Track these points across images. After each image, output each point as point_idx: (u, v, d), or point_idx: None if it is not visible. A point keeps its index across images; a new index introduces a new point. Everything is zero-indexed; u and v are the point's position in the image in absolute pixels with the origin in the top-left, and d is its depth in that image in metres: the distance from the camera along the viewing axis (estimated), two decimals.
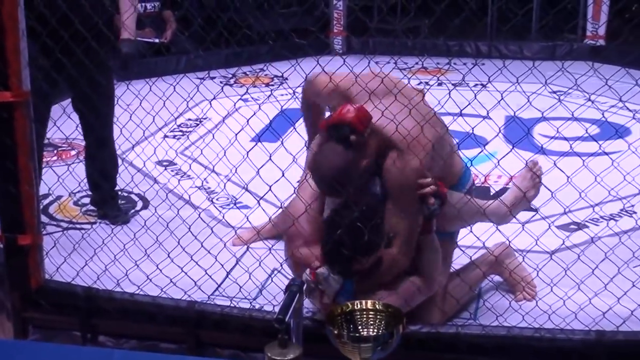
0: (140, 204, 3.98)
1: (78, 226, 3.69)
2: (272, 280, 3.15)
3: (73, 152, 4.65)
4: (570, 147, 2.88)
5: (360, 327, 2.05)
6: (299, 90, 2.97)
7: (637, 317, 2.73)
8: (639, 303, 2.77)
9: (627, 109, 4.34)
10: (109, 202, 3.77)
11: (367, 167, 2.59)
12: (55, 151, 4.62)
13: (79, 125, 3.50)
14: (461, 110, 2.78)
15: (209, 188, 4.12)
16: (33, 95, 2.84)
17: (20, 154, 2.86)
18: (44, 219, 3.58)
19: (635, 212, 3.72)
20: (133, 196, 4.02)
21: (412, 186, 2.58)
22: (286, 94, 5.05)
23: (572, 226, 3.58)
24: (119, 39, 3.59)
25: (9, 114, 2.82)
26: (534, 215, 3.53)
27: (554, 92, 4.47)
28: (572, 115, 3.04)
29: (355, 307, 2.08)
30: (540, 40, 6.79)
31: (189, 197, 3.82)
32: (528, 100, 2.79)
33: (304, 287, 2.48)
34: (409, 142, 2.57)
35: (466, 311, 2.93)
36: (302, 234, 2.71)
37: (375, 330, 2.04)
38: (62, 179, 3.30)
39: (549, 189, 2.77)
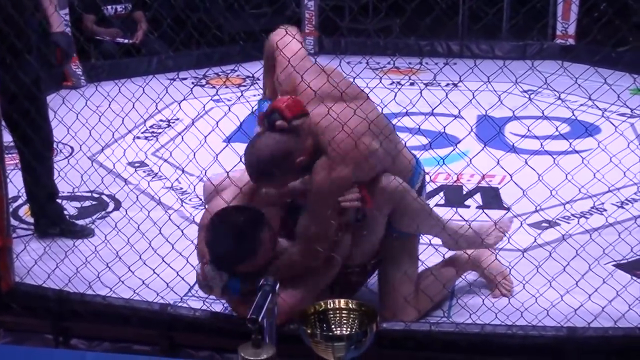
0: (111, 206, 3.97)
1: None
2: None
3: None
4: (541, 145, 2.92)
5: (333, 326, 2.07)
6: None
7: (607, 314, 2.76)
8: (609, 300, 2.80)
9: (597, 107, 4.39)
10: (60, 217, 3.68)
11: (300, 162, 2.59)
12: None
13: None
14: (433, 110, 2.81)
15: (180, 189, 4.12)
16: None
17: None
18: (13, 222, 3.55)
19: (605, 210, 3.77)
20: (104, 197, 4.01)
21: (330, 197, 2.60)
22: (257, 95, 5.04)
23: (543, 224, 3.62)
24: (51, 34, 3.52)
25: None
26: (506, 214, 3.56)
27: (525, 91, 4.51)
28: (543, 113, 3.07)
29: (329, 306, 2.09)
30: (511, 40, 6.84)
31: (160, 199, 3.82)
32: (499, 99, 2.82)
33: (201, 280, 2.64)
34: (341, 152, 2.58)
35: (440, 309, 2.95)
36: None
37: (349, 329, 2.05)
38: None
39: (520, 187, 2.80)
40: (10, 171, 3.12)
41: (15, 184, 3.45)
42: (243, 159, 2.64)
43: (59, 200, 3.71)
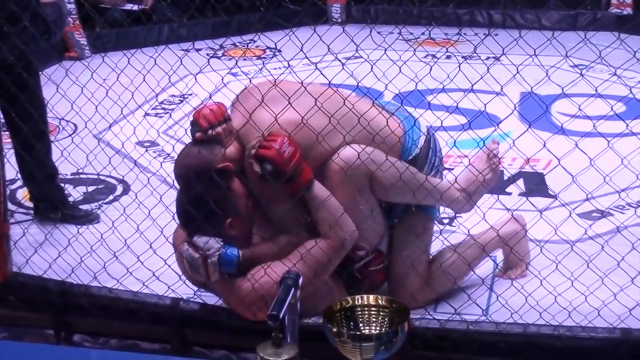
0: (119, 189, 3.98)
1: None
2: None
3: None
4: (594, 126, 2.88)
5: (361, 325, 2.06)
6: (294, 63, 2.97)
7: None
8: None
9: None
10: (62, 201, 3.72)
11: (223, 167, 2.69)
12: None
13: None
14: (472, 86, 2.78)
15: None
16: None
17: None
18: (11, 206, 3.58)
19: None
20: (112, 180, 4.02)
21: (264, 188, 2.71)
22: (280, 67, 5.04)
23: (595, 214, 3.59)
24: (40, 4, 3.54)
25: None
26: (552, 202, 3.54)
27: (575, 66, 4.46)
28: (596, 91, 3.04)
29: (356, 302, 2.09)
30: (560, 8, 6.77)
31: (173, 182, 3.82)
32: (547, 75, 2.78)
33: (188, 266, 2.72)
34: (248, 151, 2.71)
35: (477, 306, 2.94)
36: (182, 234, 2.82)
37: (378, 328, 2.05)
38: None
39: (569, 173, 2.77)
40: (8, 150, 3.13)
41: (13, 164, 3.48)
42: None
43: (61, 183, 3.73)
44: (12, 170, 3.34)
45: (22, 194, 3.91)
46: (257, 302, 2.68)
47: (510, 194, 3.87)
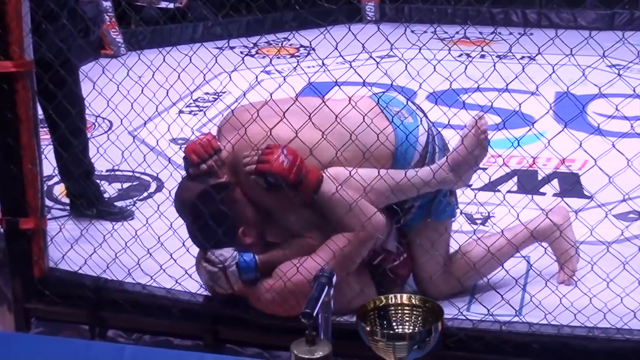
0: (153, 186, 4.00)
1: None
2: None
3: None
4: (631, 126, 2.86)
5: (394, 324, 2.06)
6: (328, 61, 2.97)
7: None
8: None
9: None
10: (98, 198, 3.75)
11: (222, 184, 2.76)
12: None
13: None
14: (507, 85, 2.76)
15: None
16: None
17: (23, 130, 2.89)
18: (48, 202, 3.61)
19: None
20: (146, 177, 4.04)
21: (266, 202, 2.76)
22: (314, 66, 5.04)
23: (631, 215, 3.56)
24: (79, 2, 3.58)
25: (10, 86, 2.84)
26: (588, 203, 3.51)
27: (612, 66, 4.42)
28: (634, 91, 3.00)
29: (390, 301, 2.08)
30: (596, 8, 6.71)
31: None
32: (583, 74, 2.76)
33: (209, 279, 2.76)
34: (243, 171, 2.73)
35: (510, 307, 2.92)
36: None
37: (412, 328, 2.04)
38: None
39: (606, 174, 2.75)
40: (45, 147, 3.16)
41: (51, 160, 3.51)
42: None
43: (97, 181, 3.76)
44: (49, 166, 3.37)
45: (59, 190, 3.95)
46: (289, 299, 2.69)
47: (544, 194, 3.84)
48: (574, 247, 3.08)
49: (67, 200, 3.79)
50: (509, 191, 3.69)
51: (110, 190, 3.99)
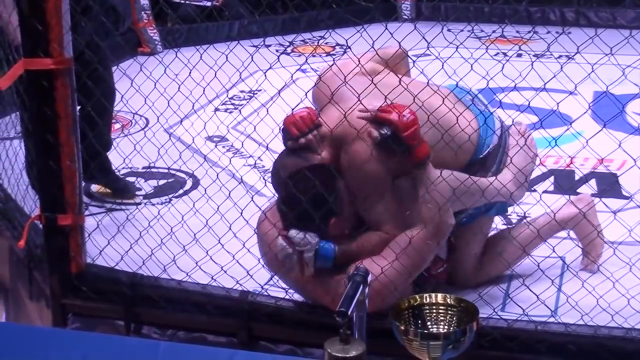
0: (189, 183, 4.02)
1: (123, 207, 3.75)
2: None
3: (117, 126, 4.71)
4: None
5: (429, 323, 2.05)
6: (364, 60, 2.96)
7: None
8: None
9: None
10: (107, 169, 3.85)
11: (321, 171, 2.71)
12: None
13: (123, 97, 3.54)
14: (544, 84, 2.74)
15: (263, 167, 4.14)
16: None
17: (62, 127, 2.91)
18: (85, 199, 3.64)
19: None
20: (182, 174, 4.07)
21: (370, 172, 2.70)
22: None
23: None
24: None
25: (50, 83, 2.86)
26: (627, 203, 3.48)
27: None
28: None
29: (424, 300, 2.08)
30: (636, 7, 6.64)
31: (242, 177, 3.85)
32: (623, 74, 2.73)
33: (280, 255, 2.71)
34: (354, 134, 2.69)
35: (545, 307, 2.90)
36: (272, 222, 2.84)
37: (446, 327, 2.04)
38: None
39: None
40: None
41: None
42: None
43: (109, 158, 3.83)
44: None
45: (96, 187, 3.98)
46: (387, 297, 2.66)
47: (581, 194, 3.81)
48: (598, 231, 3.07)
49: (104, 198, 3.83)
50: (545, 191, 3.66)
51: (146, 187, 4.02)
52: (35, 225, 3.17)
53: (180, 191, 3.96)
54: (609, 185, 3.86)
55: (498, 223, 3.28)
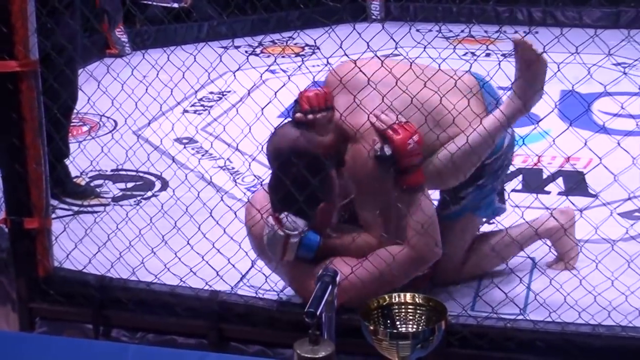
0: (157, 186, 4.01)
1: (90, 209, 3.72)
2: None
3: (85, 128, 4.68)
4: (637, 125, 2.85)
5: (398, 323, 2.06)
6: (333, 60, 2.97)
7: None
8: None
9: None
10: (66, 176, 3.84)
11: (323, 157, 2.68)
12: None
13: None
14: (512, 83, 2.76)
15: (233, 168, 4.13)
16: None
17: (27, 130, 2.89)
18: (53, 201, 3.61)
19: None
20: (150, 176, 4.05)
21: (369, 174, 2.69)
22: (318, 65, 5.04)
23: (636, 213, 3.55)
24: None
25: (15, 86, 2.84)
26: (593, 201, 3.50)
27: (618, 64, 4.42)
28: (639, 89, 3.00)
29: (393, 300, 2.08)
30: (602, 6, 6.70)
31: (211, 178, 3.84)
32: (588, 73, 2.75)
33: (265, 235, 2.68)
34: (362, 131, 2.68)
35: (514, 305, 2.92)
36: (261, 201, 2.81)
37: (415, 327, 2.04)
38: (73, 158, 3.32)
39: (611, 172, 2.74)
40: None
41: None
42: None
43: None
44: None
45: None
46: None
47: (549, 192, 3.84)
48: (577, 245, 3.09)
49: (71, 200, 3.80)
50: (513, 190, 3.67)
51: (114, 189, 3.99)
52: (0, 228, 3.14)
53: (149, 193, 3.94)
54: (575, 183, 3.89)
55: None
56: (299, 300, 2.85)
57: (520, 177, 3.99)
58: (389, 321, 2.06)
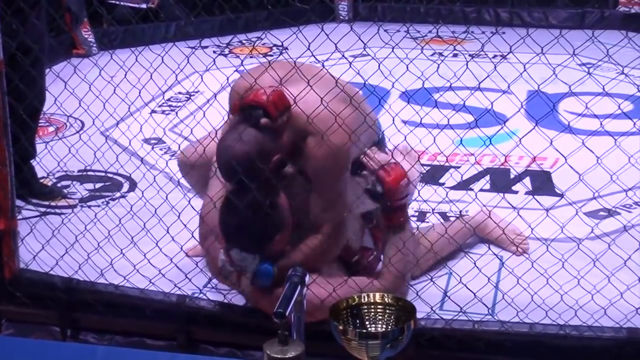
0: (126, 186, 3.99)
1: (57, 210, 3.69)
2: None
3: (51, 129, 4.64)
4: (601, 124, 2.88)
5: (367, 323, 2.06)
6: (301, 61, 2.97)
7: None
8: None
9: None
10: (32, 177, 3.80)
11: (276, 160, 2.65)
12: None
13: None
14: (479, 84, 2.78)
15: None
16: None
17: None
18: (18, 202, 3.58)
19: None
20: (118, 177, 4.02)
21: (332, 168, 2.70)
22: None
23: (601, 213, 3.58)
24: None
25: None
26: (559, 201, 3.53)
27: (583, 64, 4.46)
28: (603, 89, 3.03)
29: (362, 300, 2.08)
30: (567, 7, 6.75)
31: (179, 180, 3.82)
32: (554, 73, 2.78)
33: (221, 270, 2.73)
34: (328, 125, 2.64)
35: (483, 305, 2.93)
36: (212, 230, 2.82)
37: (384, 326, 2.04)
38: (40, 159, 3.30)
39: (576, 172, 2.77)
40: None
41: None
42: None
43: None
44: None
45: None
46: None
47: (516, 192, 3.86)
48: (521, 233, 3.23)
49: (38, 201, 3.77)
50: (481, 189, 3.70)
51: (82, 190, 3.96)
52: None
53: (117, 194, 3.92)
54: (542, 183, 3.92)
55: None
56: None
57: (487, 177, 4.02)
58: (358, 321, 2.05)
